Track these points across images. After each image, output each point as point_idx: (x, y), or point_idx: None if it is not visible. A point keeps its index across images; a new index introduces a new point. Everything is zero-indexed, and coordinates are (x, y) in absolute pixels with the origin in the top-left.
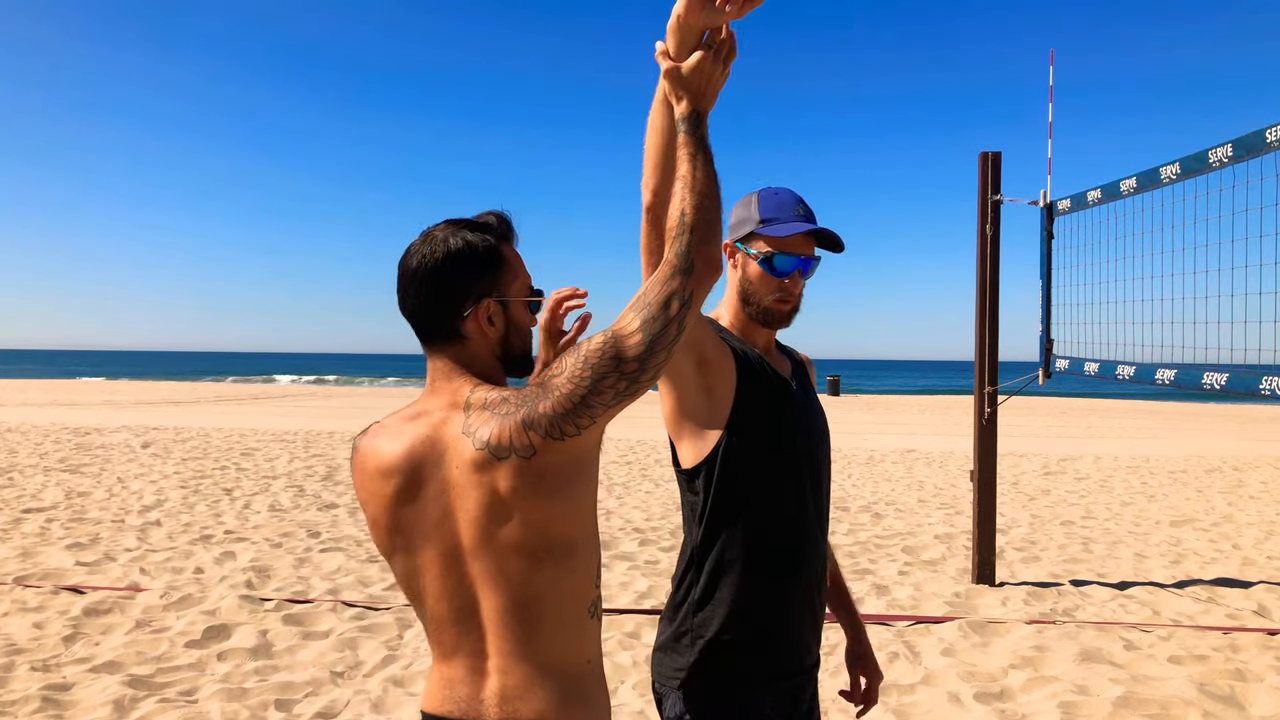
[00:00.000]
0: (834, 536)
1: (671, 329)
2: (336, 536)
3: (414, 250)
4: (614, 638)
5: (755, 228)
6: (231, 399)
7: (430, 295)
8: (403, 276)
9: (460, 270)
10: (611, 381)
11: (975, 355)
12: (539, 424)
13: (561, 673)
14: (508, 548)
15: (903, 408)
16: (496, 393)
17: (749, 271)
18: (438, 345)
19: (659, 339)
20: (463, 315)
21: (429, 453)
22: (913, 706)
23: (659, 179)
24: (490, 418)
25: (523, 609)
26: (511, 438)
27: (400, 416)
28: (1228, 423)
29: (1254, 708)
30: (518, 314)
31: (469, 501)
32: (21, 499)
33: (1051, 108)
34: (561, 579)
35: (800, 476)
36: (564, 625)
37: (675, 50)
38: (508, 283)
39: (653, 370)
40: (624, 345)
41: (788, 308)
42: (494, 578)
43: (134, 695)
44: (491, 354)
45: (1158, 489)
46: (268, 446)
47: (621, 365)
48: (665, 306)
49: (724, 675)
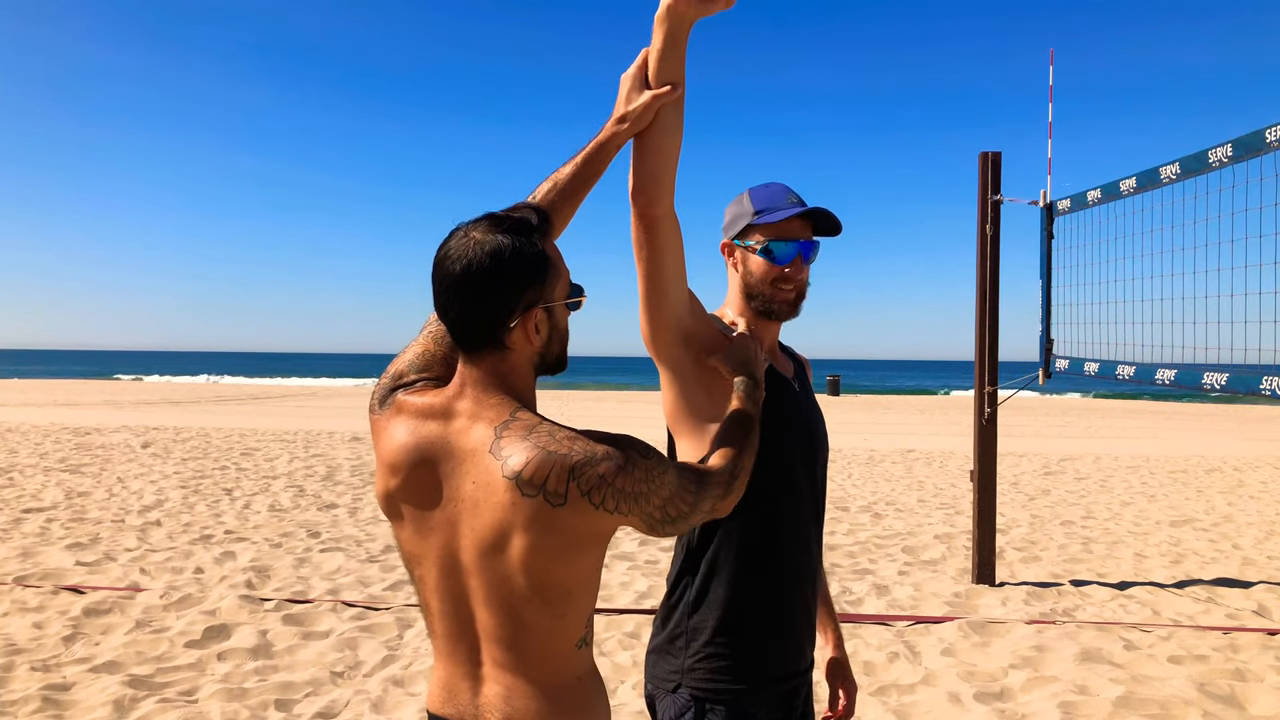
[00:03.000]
0: (834, 536)
1: (699, 518)
2: (336, 536)
3: (455, 254)
4: (614, 638)
5: (750, 220)
6: (231, 399)
7: (475, 305)
8: (443, 282)
9: (509, 280)
10: (656, 505)
11: (975, 355)
12: (588, 479)
13: (554, 687)
14: (503, 577)
15: (903, 408)
16: (536, 420)
17: (750, 265)
18: (478, 353)
19: (690, 516)
20: (510, 325)
21: (443, 458)
22: (913, 706)
23: (669, 183)
24: (528, 448)
25: (512, 632)
26: (549, 477)
27: (422, 407)
28: (1228, 423)
29: (1254, 708)
30: (560, 319)
31: (477, 522)
32: (21, 499)
33: (1051, 108)
34: (550, 620)
35: (798, 477)
36: (550, 655)
37: (660, 44)
38: (554, 286)
39: (675, 528)
40: (681, 496)
41: (793, 295)
42: (487, 597)
43: (134, 695)
44: (530, 362)
45: (1158, 489)
46: (268, 446)
47: (667, 505)
48: (712, 513)
49: (719, 678)
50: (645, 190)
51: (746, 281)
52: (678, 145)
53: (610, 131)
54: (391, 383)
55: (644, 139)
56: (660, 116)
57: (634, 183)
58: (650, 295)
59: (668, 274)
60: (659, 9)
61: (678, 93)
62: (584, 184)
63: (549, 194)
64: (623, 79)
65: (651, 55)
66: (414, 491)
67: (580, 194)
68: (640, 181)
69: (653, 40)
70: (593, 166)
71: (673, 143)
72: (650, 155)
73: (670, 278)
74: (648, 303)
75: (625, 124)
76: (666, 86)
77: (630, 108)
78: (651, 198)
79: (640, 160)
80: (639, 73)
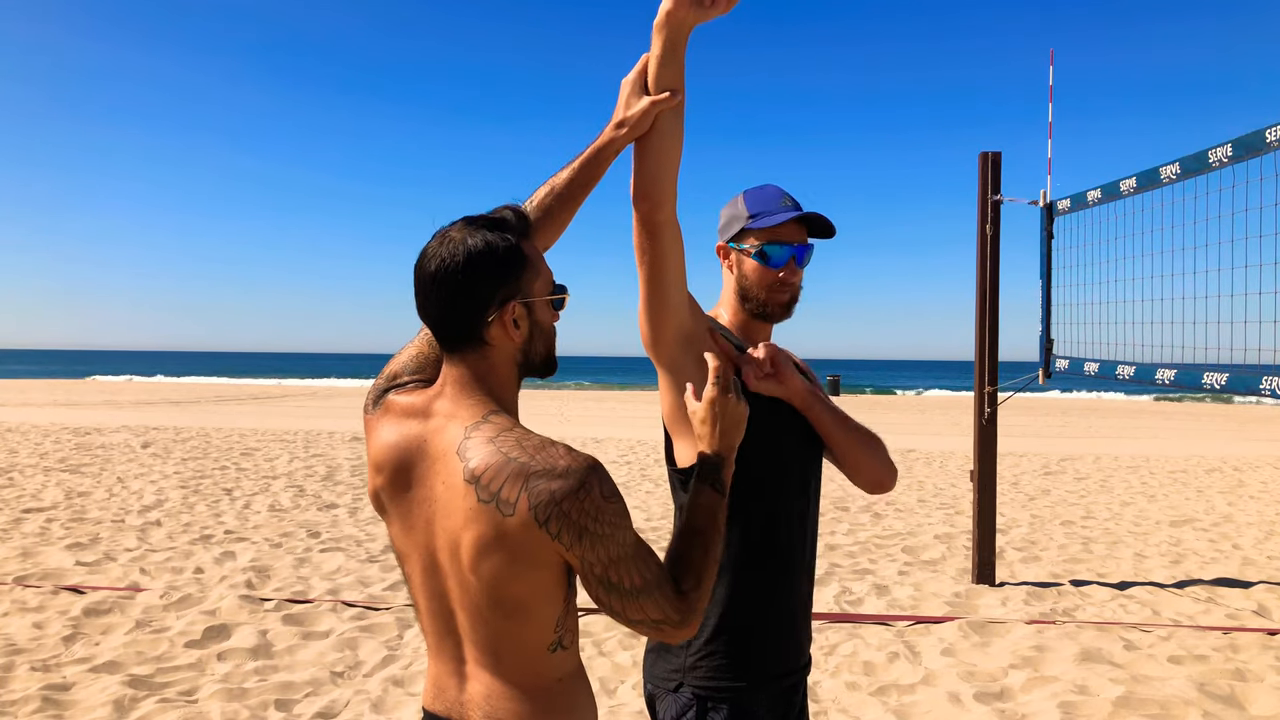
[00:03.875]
0: (834, 536)
1: (638, 614)
2: (336, 536)
3: (431, 253)
4: (614, 637)
5: (745, 224)
6: (231, 399)
7: (452, 301)
8: (421, 282)
9: (482, 273)
10: (600, 556)
11: (975, 355)
12: (539, 493)
13: (533, 689)
14: (465, 580)
15: (903, 408)
16: (508, 424)
17: (745, 268)
18: (458, 353)
19: (632, 599)
20: (487, 320)
21: (420, 458)
22: (913, 706)
23: (670, 189)
24: (490, 452)
25: (485, 635)
26: (504, 485)
27: (406, 407)
28: (1228, 423)
29: (1254, 708)
30: (541, 315)
31: (448, 523)
32: (21, 499)
33: (1051, 108)
34: (514, 626)
35: (795, 477)
36: (524, 658)
37: (660, 50)
38: (530, 282)
39: (612, 600)
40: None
41: (786, 298)
42: (460, 598)
43: (134, 695)
44: (512, 360)
45: (1158, 489)
46: (268, 446)
47: (611, 566)
48: (655, 625)
49: (720, 676)
50: (647, 196)
51: (741, 284)
52: (678, 151)
53: (609, 136)
54: (385, 383)
55: (644, 144)
56: (659, 122)
57: (636, 188)
58: (651, 299)
59: (669, 279)
60: (658, 15)
61: (677, 99)
62: (581, 189)
63: (546, 199)
64: (623, 84)
65: (651, 61)
66: (398, 490)
67: (578, 198)
68: (642, 187)
69: (652, 46)
70: (590, 171)
71: (673, 148)
72: (650, 160)
73: (672, 282)
74: (649, 306)
75: (624, 129)
76: (665, 93)
77: (629, 113)
78: (654, 204)
79: (641, 165)
80: (639, 78)
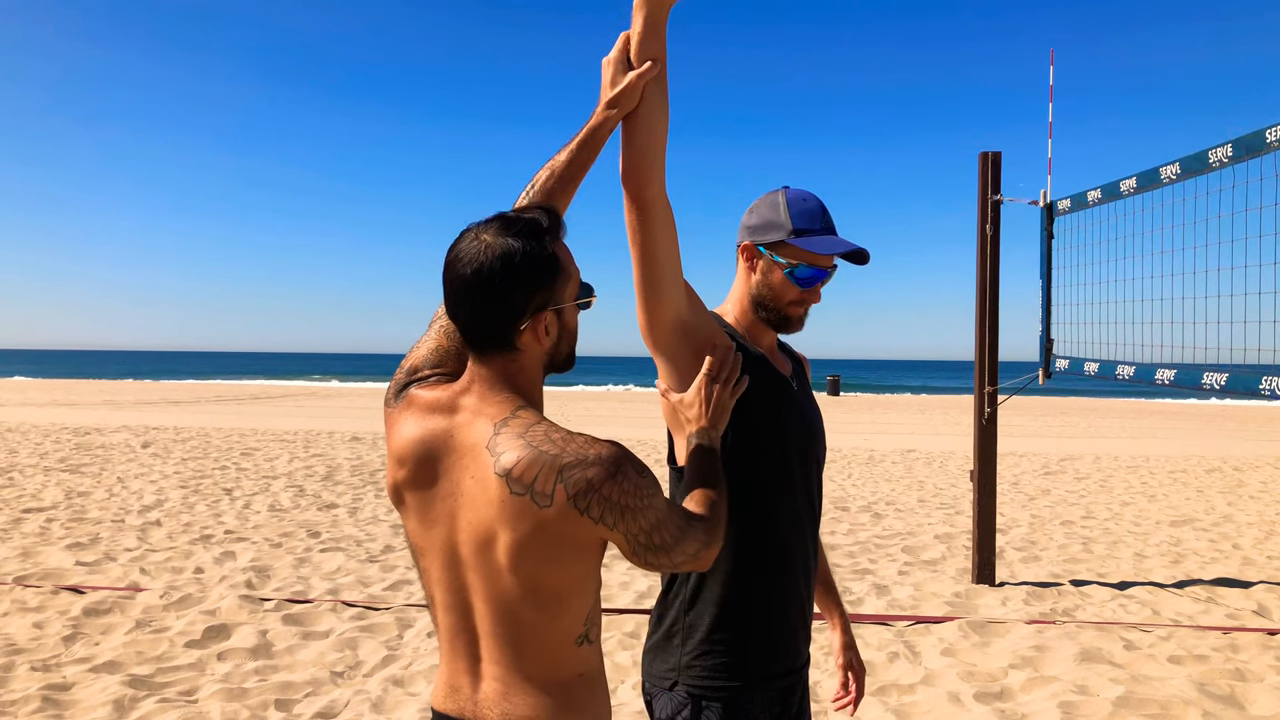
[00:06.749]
0: (834, 536)
1: (681, 558)
2: (336, 536)
3: (466, 257)
4: (614, 638)
5: (787, 237)
6: (231, 399)
7: (485, 308)
8: (453, 284)
9: (519, 284)
10: (642, 526)
11: (975, 355)
12: (575, 483)
13: (553, 684)
14: (495, 573)
15: (903, 408)
16: (535, 419)
17: (771, 278)
18: (486, 354)
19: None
20: (519, 329)
21: (445, 452)
22: (913, 706)
23: (659, 165)
24: (521, 446)
25: (508, 628)
26: (537, 477)
27: (430, 401)
28: (1228, 423)
29: (1254, 708)
30: (570, 319)
31: (474, 517)
32: (21, 499)
33: (1051, 108)
34: (545, 619)
35: (795, 475)
36: (548, 652)
37: (641, 27)
38: (563, 288)
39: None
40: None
41: (803, 312)
42: (484, 592)
43: (134, 695)
44: (539, 362)
45: (1158, 489)
46: (268, 446)
47: (652, 531)
48: (694, 557)
49: (715, 675)
50: (636, 173)
51: (760, 290)
52: (664, 127)
53: (601, 116)
54: (406, 377)
55: (631, 121)
56: (646, 96)
57: (624, 166)
58: (646, 281)
59: (662, 258)
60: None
61: (659, 67)
62: (580, 169)
63: (548, 181)
64: (604, 64)
65: (633, 40)
66: (419, 484)
67: (577, 179)
68: (630, 164)
69: (633, 25)
70: (587, 152)
71: (659, 123)
72: (638, 136)
73: (665, 263)
74: (644, 290)
75: (615, 108)
76: (648, 63)
77: (617, 90)
78: (643, 180)
79: (629, 143)
80: (620, 56)
